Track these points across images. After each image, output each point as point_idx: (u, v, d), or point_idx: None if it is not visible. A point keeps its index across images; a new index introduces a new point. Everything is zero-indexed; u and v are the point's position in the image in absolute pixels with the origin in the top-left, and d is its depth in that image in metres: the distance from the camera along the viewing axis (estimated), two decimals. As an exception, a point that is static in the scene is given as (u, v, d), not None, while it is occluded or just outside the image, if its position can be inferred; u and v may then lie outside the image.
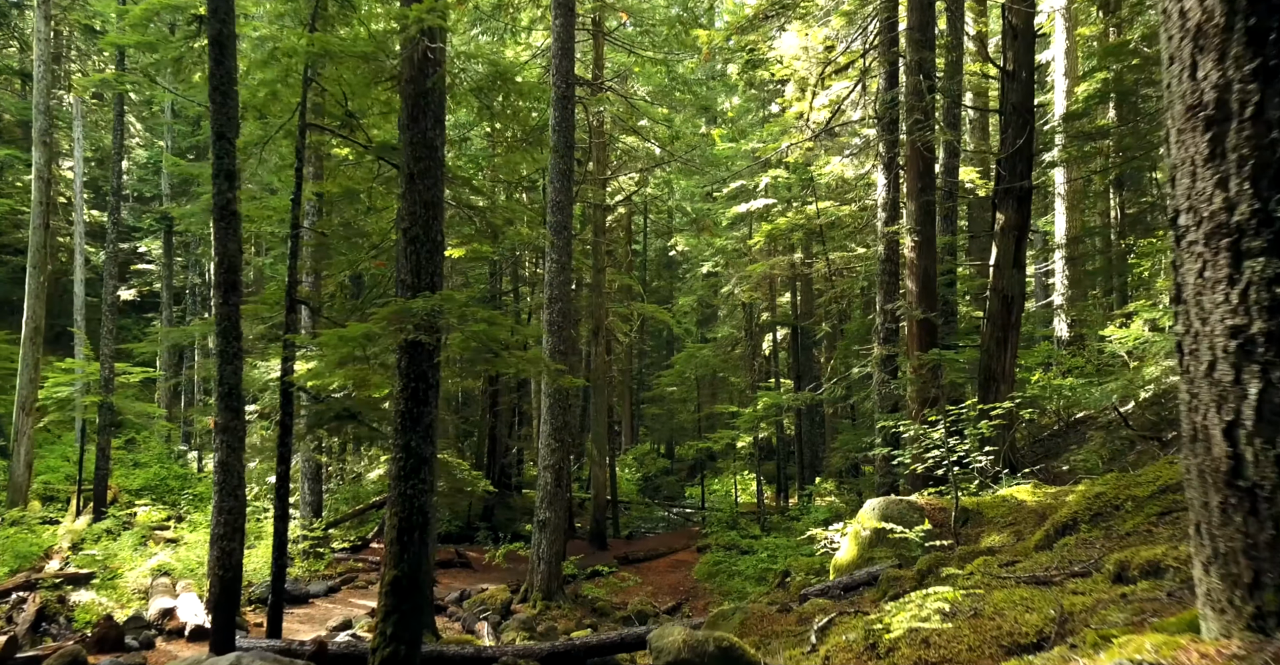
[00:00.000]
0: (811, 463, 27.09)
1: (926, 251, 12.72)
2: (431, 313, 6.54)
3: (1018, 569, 4.64)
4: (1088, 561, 4.36)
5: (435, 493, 6.99)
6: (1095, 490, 5.64)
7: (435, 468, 6.90)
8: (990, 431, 8.48)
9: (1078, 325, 23.66)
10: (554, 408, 14.32)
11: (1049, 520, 5.85)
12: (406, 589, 6.56)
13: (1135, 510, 5.14)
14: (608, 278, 23.84)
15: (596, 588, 15.41)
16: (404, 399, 6.81)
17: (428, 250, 6.98)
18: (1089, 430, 14.80)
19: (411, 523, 6.67)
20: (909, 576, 6.94)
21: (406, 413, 6.80)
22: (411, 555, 6.63)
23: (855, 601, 7.28)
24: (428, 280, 6.92)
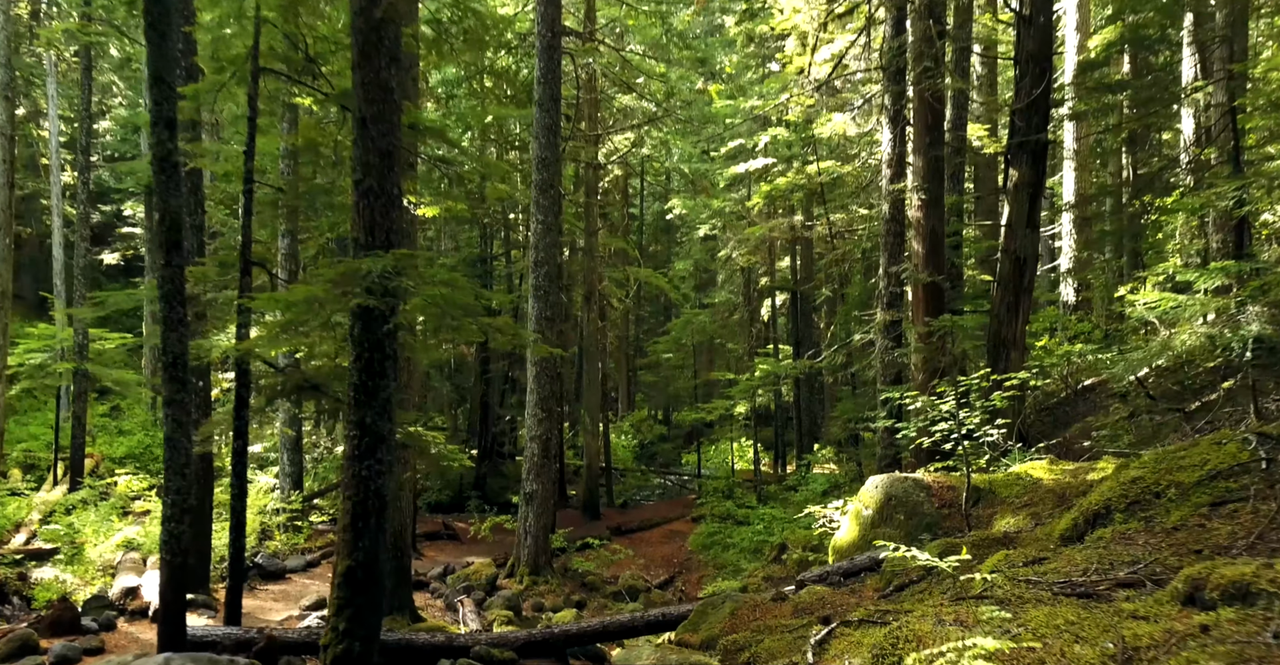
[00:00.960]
0: (810, 430, 26.56)
1: (934, 210, 11.97)
2: (384, 275, 5.83)
3: (1048, 570, 3.99)
4: (1133, 564, 3.71)
5: (394, 474, 6.35)
6: (1131, 474, 4.98)
7: (394, 446, 6.26)
8: (1003, 403, 7.82)
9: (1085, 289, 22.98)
10: (541, 377, 13.66)
11: (1077, 507, 5.20)
12: (362, 580, 5.94)
13: (1180, 499, 4.49)
14: (602, 241, 23.07)
15: (587, 561, 14.89)
16: (358, 371, 6.13)
17: (383, 205, 6.24)
18: (1100, 398, 14.17)
19: (367, 507, 6.04)
20: (916, 566, 6.30)
21: (361, 386, 6.12)
22: (367, 543, 6.00)
23: (856, 590, 6.67)
24: (383, 238, 6.20)
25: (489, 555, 15.79)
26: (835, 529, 9.51)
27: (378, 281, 5.84)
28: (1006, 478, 7.82)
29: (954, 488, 7.75)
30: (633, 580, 14.17)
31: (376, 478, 6.12)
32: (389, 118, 6.30)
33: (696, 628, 6.83)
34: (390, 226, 6.30)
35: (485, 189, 9.30)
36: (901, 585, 6.16)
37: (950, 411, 7.70)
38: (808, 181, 19.71)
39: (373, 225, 6.22)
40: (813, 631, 4.35)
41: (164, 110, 7.34)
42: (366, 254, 5.98)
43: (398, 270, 5.93)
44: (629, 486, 27.45)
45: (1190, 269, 7.60)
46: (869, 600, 6.23)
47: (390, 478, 6.23)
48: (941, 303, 11.95)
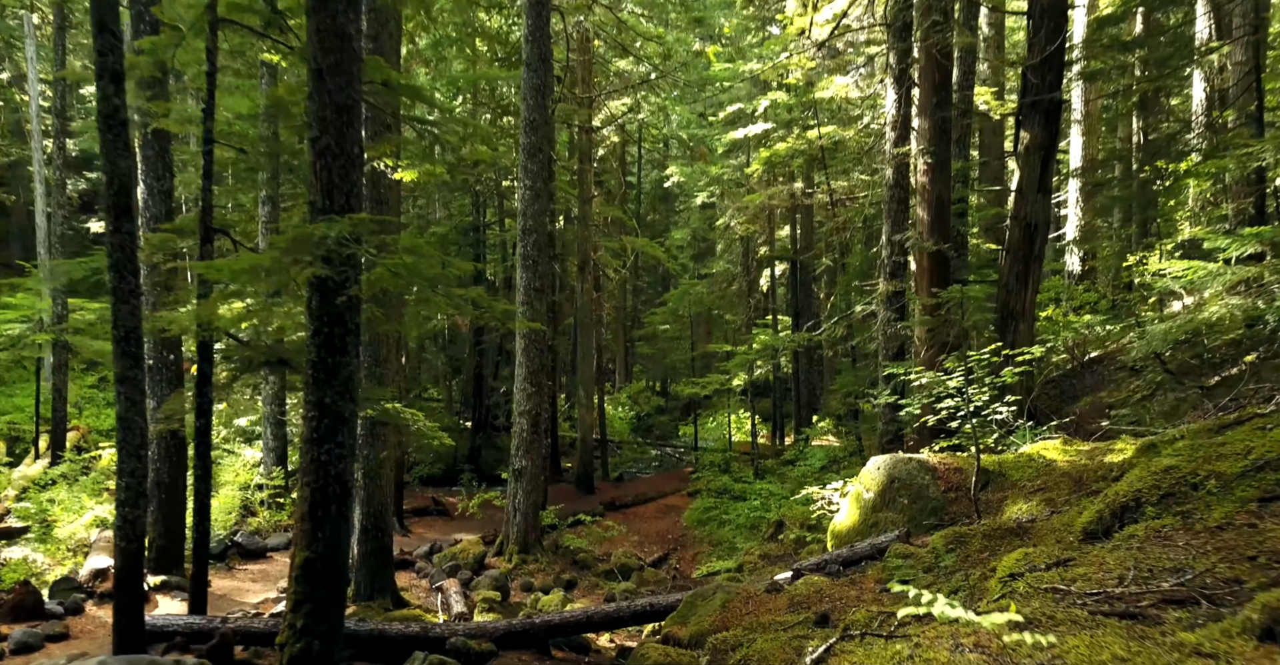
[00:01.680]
0: (809, 401, 26.14)
1: (940, 175, 11.39)
2: (341, 241, 5.30)
3: (1076, 576, 3.51)
4: (1178, 572, 3.23)
5: (358, 457, 5.86)
6: (1163, 462, 4.49)
7: (356, 428, 5.77)
8: (1013, 379, 7.31)
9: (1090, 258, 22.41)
10: (530, 350, 13.16)
11: (1102, 498, 4.71)
12: (322, 573, 5.49)
13: (1222, 493, 4.00)
14: (597, 210, 22.45)
15: (578, 538, 14.51)
16: (316, 347, 5.61)
17: (341, 165, 5.69)
18: (1108, 371, 13.70)
19: (328, 495, 5.56)
20: (922, 555, 5.85)
21: (319, 363, 5.61)
22: (328, 533, 5.53)
23: (857, 581, 6.22)
24: (341, 201, 5.65)
25: (479, 532, 15.41)
26: (834, 512, 9.08)
27: (334, 249, 5.31)
28: (1017, 459, 7.35)
29: (961, 470, 7.28)
30: (625, 558, 13.79)
31: (337, 462, 5.63)
32: (347, 68, 5.72)
33: (685, 620, 6.40)
34: (350, 189, 5.75)
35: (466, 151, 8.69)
36: (904, 578, 5.71)
37: (958, 388, 7.20)
38: (808, 147, 19.05)
39: (330, 187, 5.67)
40: (810, 646, 3.87)
41: (109, 62, 6.76)
42: (323, 219, 5.44)
43: (356, 237, 5.40)
44: (625, 459, 27.09)
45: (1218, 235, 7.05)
46: (870, 593, 5.78)
47: (352, 462, 5.74)
48: (947, 272, 11.42)
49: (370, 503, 10.11)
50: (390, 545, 10.33)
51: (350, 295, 5.63)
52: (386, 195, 10.23)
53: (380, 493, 10.17)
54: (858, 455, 16.78)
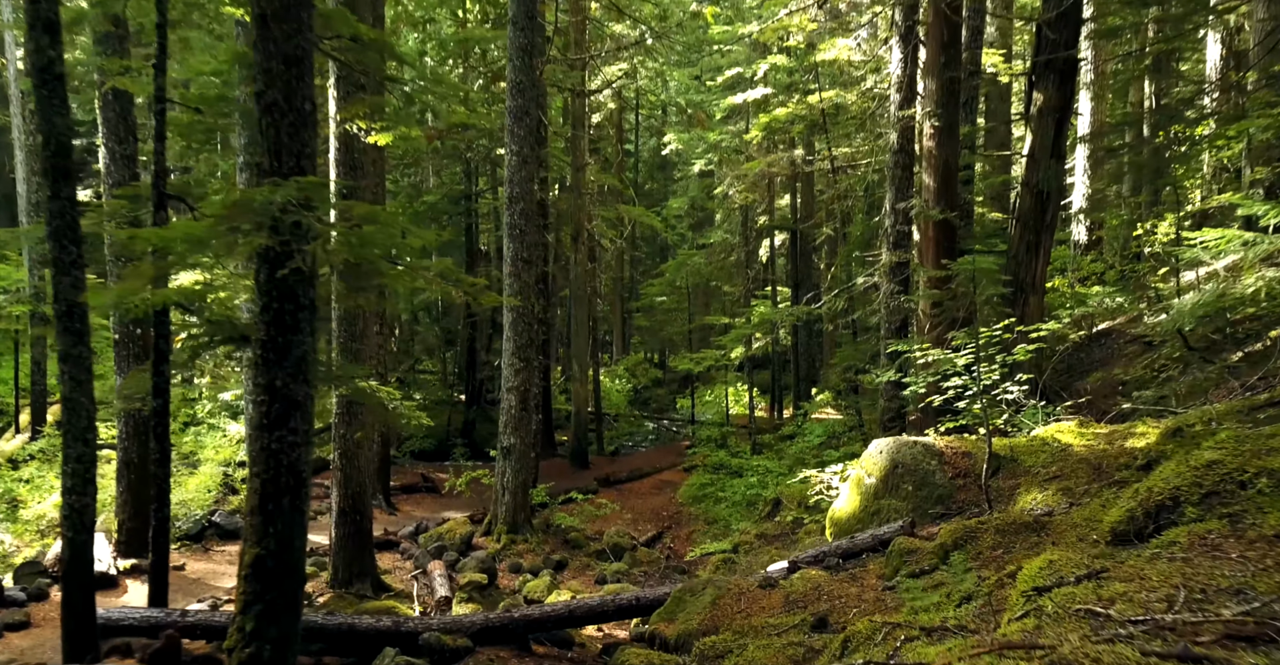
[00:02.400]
0: (808, 374, 25.69)
1: (948, 139, 10.80)
2: (287, 208, 4.76)
3: (1115, 595, 3.02)
4: (1240, 595, 2.75)
5: (313, 444, 5.37)
6: (1205, 456, 4.00)
7: (311, 412, 5.28)
8: (1026, 356, 6.81)
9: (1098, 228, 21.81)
10: (517, 323, 12.64)
11: (1132, 493, 4.22)
12: (273, 572, 5.02)
13: (1276, 494, 3.51)
14: (591, 178, 21.78)
15: (570, 516, 14.09)
16: (265, 324, 5.09)
17: (290, 124, 5.12)
18: (1118, 344, 13.20)
19: (279, 486, 5.07)
20: (928, 550, 5.38)
21: (269, 342, 5.10)
22: (280, 528, 5.06)
23: (858, 577, 5.76)
24: (291, 163, 5.10)
25: (469, 509, 15.01)
26: (833, 497, 8.63)
27: (280, 216, 4.77)
28: (1030, 443, 6.86)
29: (970, 454, 6.80)
30: (618, 537, 13.39)
31: (290, 451, 5.14)
32: (295, 14, 5.13)
33: (673, 617, 5.96)
34: (301, 150, 5.18)
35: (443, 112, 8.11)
36: (911, 575, 5.24)
37: (966, 366, 6.71)
38: (809, 112, 18.37)
39: (279, 147, 5.10)
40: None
41: (41, 9, 6.17)
42: (268, 182, 4.89)
43: (305, 202, 4.85)
44: (621, 433, 26.69)
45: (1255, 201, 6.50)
46: (873, 591, 5.32)
47: (308, 449, 5.25)
48: (953, 242, 10.88)
49: (348, 484, 9.66)
50: (369, 528, 9.90)
51: (302, 268, 5.10)
52: (361, 160, 9.66)
53: (358, 474, 9.72)
54: (857, 430, 16.34)
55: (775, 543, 11.97)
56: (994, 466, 6.45)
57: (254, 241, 4.87)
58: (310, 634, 6.69)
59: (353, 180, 9.55)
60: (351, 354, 9.55)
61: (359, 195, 9.58)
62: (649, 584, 11.98)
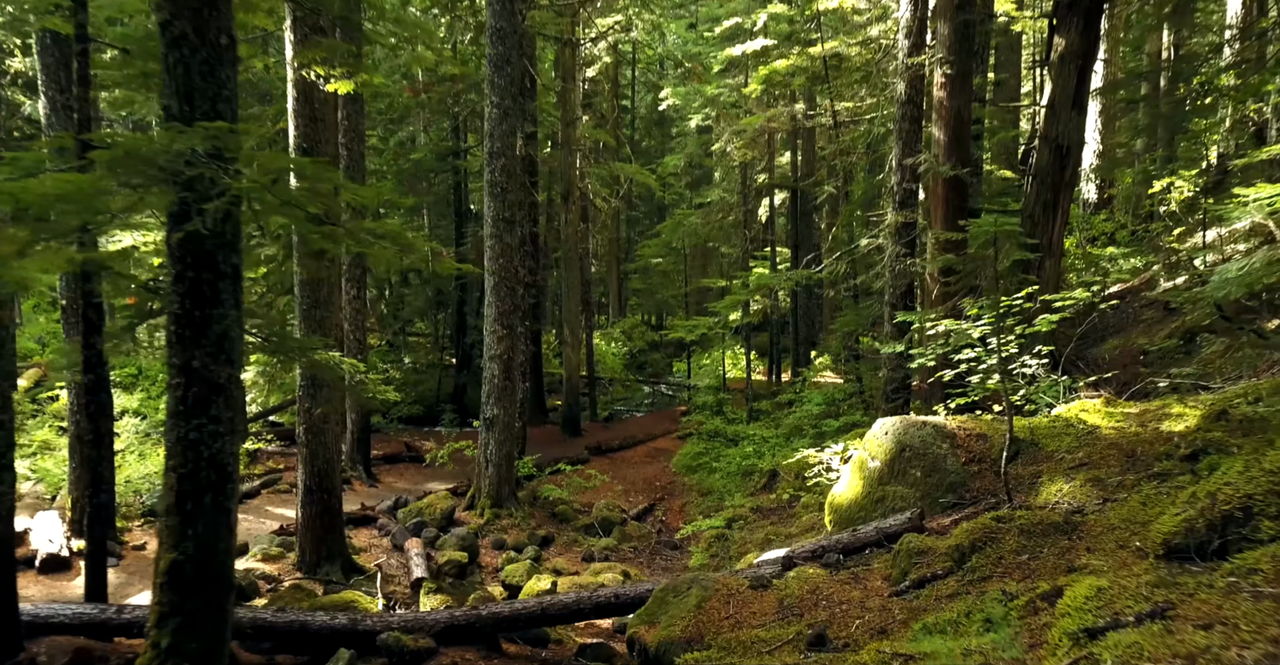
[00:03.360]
0: (807, 337, 25.04)
1: (961, 89, 9.98)
2: (194, 159, 4.04)
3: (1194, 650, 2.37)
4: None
5: (240, 432, 4.71)
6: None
7: (238, 397, 4.61)
8: (1048, 327, 6.11)
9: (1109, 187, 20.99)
10: (500, 288, 11.92)
11: (1189, 497, 3.56)
12: (194, 579, 4.40)
13: (1381, 510, 2.85)
14: (583, 134, 20.87)
15: (558, 488, 13.53)
16: (179, 296, 4.40)
17: (204, 60, 4.38)
18: (1134, 308, 12.51)
19: (199, 482, 4.43)
20: (941, 552, 4.75)
21: (184, 317, 4.41)
22: (201, 529, 4.42)
23: (860, 577, 5.13)
24: (205, 108, 4.36)
25: (455, 480, 14.46)
26: (833, 479, 8.01)
27: (184, 169, 4.05)
28: (1052, 424, 6.21)
29: (984, 436, 6.14)
30: (607, 510, 12.84)
31: (211, 441, 4.48)
32: (205, -72, 4.35)
33: (654, 619, 5.35)
34: (217, 92, 4.44)
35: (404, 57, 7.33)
36: (922, 580, 4.63)
37: (983, 338, 6.02)
38: (810, 64, 17.42)
39: (189, 89, 4.36)
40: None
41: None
42: (174, 128, 4.15)
43: (217, 152, 4.12)
44: (616, 397, 26.12)
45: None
46: (878, 598, 4.70)
47: (233, 439, 4.59)
48: (965, 201, 10.12)
49: (314, 461, 9.04)
50: (338, 507, 9.31)
51: (222, 231, 4.39)
52: (323, 112, 8.86)
53: (325, 450, 9.09)
54: (857, 397, 15.72)
55: (771, 517, 11.41)
56: (1013, 450, 5.80)
57: (163, 198, 4.15)
58: (259, 632, 6.11)
59: (314, 133, 8.77)
60: (315, 322, 8.86)
61: (320, 150, 8.82)
62: (638, 561, 11.46)
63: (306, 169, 4.38)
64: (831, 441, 10.48)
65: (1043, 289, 7.27)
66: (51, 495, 10.97)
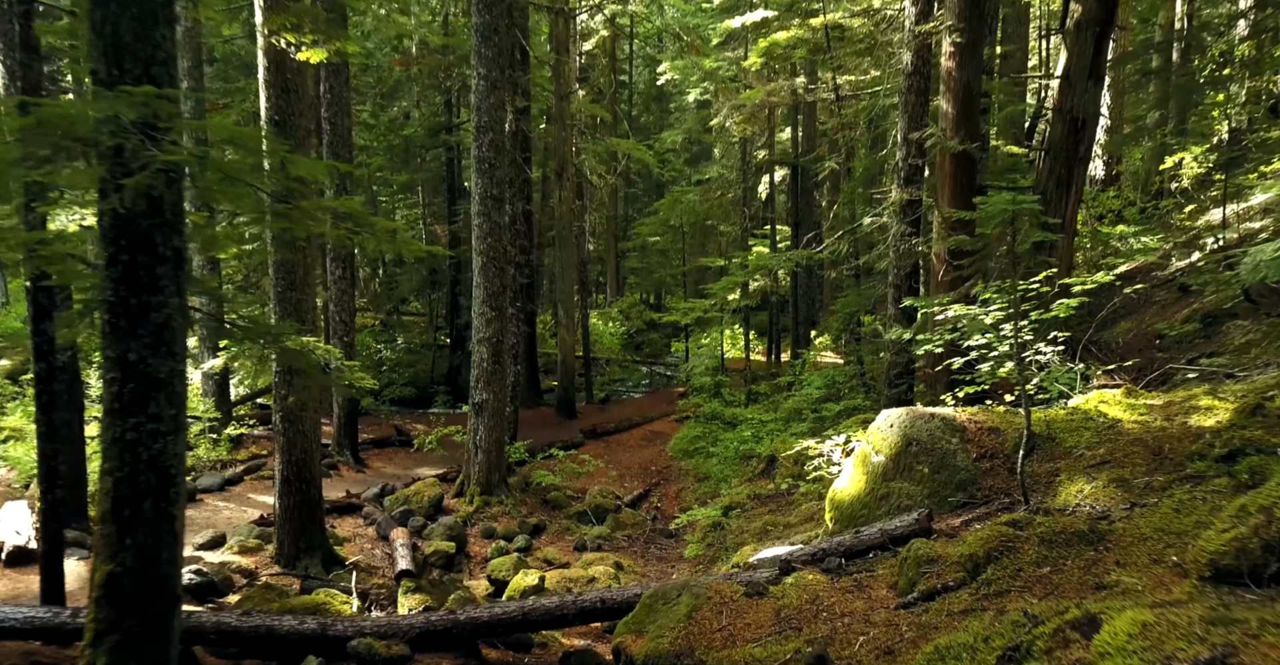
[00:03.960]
0: (807, 316, 24.59)
1: (970, 59, 9.47)
2: (121, 128, 3.59)
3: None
4: None
5: (186, 429, 4.29)
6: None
7: (181, 393, 4.20)
8: (1068, 312, 5.68)
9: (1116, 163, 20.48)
10: (488, 268, 11.48)
11: (1240, 516, 3.16)
12: (134, 594, 4.01)
13: None
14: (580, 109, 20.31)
15: (551, 473, 13.16)
16: (112, 282, 3.97)
17: (135, 18, 3.92)
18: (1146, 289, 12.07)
19: (138, 486, 4.03)
20: (953, 561, 4.36)
21: (118, 305, 3.99)
22: (141, 538, 4.02)
23: (864, 585, 4.75)
24: (138, 71, 3.91)
25: (445, 465, 14.08)
26: (834, 474, 7.61)
27: (108, 139, 3.60)
28: (1069, 416, 5.80)
29: (997, 430, 5.74)
30: (601, 497, 12.48)
31: (152, 441, 4.07)
32: None
33: (642, 627, 4.97)
34: (152, 54, 3.98)
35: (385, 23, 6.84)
36: (931, 592, 4.23)
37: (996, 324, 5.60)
38: (811, 36, 16.83)
39: (118, 50, 3.89)
40: None
41: None
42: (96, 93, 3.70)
43: (149, 121, 3.68)
44: (613, 378, 25.74)
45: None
46: (884, 609, 4.31)
47: (177, 438, 4.18)
48: (973, 177, 9.66)
49: (291, 450, 8.65)
50: (318, 497, 8.92)
51: (162, 208, 3.95)
52: (296, 83, 8.36)
53: (303, 438, 8.70)
54: (858, 379, 15.32)
55: (769, 504, 11.05)
56: (1028, 445, 5.39)
57: (84, 173, 3.70)
58: (224, 637, 5.74)
59: (286, 105, 8.28)
60: (290, 305, 8.44)
61: (294, 123, 8.34)
62: (632, 550, 11.11)
63: (245, 135, 3.93)
64: (833, 431, 10.09)
65: (1058, 271, 6.84)
66: (25, 484, 10.60)
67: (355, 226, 4.43)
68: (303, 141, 8.36)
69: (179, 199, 4.12)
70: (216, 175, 3.82)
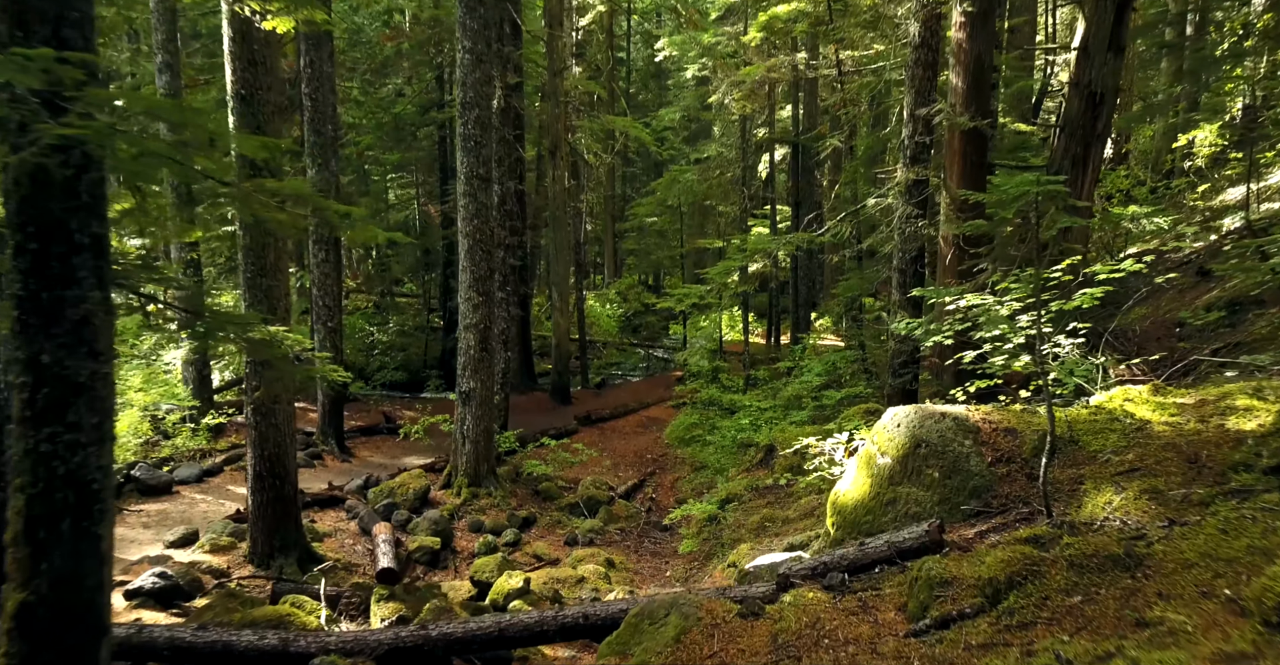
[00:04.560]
0: (808, 298, 24.10)
1: (982, 30, 8.94)
2: (17, 98, 3.11)
3: None
4: None
5: (112, 440, 3.83)
6: None
7: (107, 398, 3.74)
8: (1092, 303, 5.21)
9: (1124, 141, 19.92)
10: (474, 251, 10.99)
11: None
12: (50, 625, 3.57)
13: None
14: (576, 86, 19.72)
15: (542, 463, 12.75)
16: (20, 274, 3.50)
17: (40, -28, 3.43)
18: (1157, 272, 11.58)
19: (54, 504, 3.58)
20: (969, 584, 3.92)
21: (29, 300, 3.52)
22: (60, 562, 3.58)
23: (870, 606, 4.31)
24: (46, 33, 3.42)
25: (435, 455, 13.66)
26: (837, 470, 7.16)
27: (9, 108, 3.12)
28: (1092, 416, 5.34)
29: (1014, 432, 5.28)
30: (594, 488, 12.08)
31: (70, 453, 3.61)
32: None
33: (627, 649, 4.55)
34: (62, 14, 3.49)
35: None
36: (945, 619, 3.79)
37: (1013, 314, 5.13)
38: (813, 8, 16.23)
39: (22, 9, 3.41)
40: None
41: None
42: None
43: (52, 90, 3.19)
44: (610, 361, 25.29)
45: None
46: (892, 637, 3.88)
47: (102, 449, 3.72)
48: (984, 155, 9.15)
49: (263, 444, 8.21)
50: (293, 493, 8.49)
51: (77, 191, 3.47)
52: (264, 54, 7.84)
53: (276, 432, 8.26)
54: (860, 365, 14.88)
55: (767, 497, 10.64)
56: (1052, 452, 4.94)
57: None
58: (178, 654, 5.33)
59: (253, 79, 7.77)
60: (261, 292, 7.96)
61: (262, 98, 7.82)
62: (625, 544, 10.71)
63: (170, 113, 3.45)
64: (834, 425, 9.64)
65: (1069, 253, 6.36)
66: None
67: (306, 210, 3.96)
68: (271, 118, 7.85)
69: (100, 180, 3.64)
70: (131, 151, 3.33)
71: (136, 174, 3.53)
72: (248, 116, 7.69)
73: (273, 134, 7.86)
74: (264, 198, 3.79)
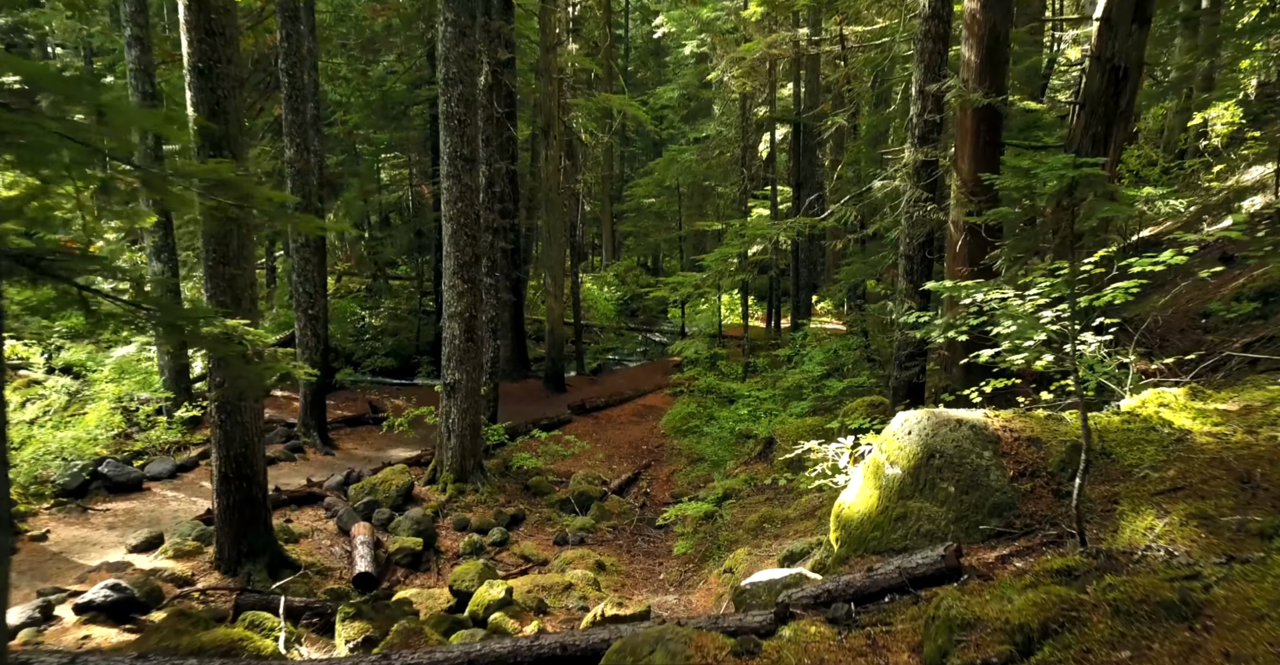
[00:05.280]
0: (809, 281, 23.54)
1: (998, 1, 8.33)
2: None
3: None
4: None
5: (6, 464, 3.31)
6: None
7: None
8: (1124, 297, 4.67)
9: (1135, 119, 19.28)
10: (458, 236, 10.45)
11: None
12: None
13: None
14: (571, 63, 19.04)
15: (533, 456, 12.29)
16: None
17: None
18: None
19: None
20: (995, 628, 3.42)
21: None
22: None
23: (879, 645, 3.83)
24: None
25: (422, 447, 13.18)
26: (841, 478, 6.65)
27: None
28: (1125, 425, 4.82)
29: (1038, 442, 4.76)
30: (586, 483, 11.62)
31: (-48, 483, 3.10)
32: None
33: (606, 689, 4.06)
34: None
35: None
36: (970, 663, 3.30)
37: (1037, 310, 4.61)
38: (817, -20, 15.56)
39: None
40: None
41: None
42: None
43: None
44: (607, 345, 24.78)
45: None
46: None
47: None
48: (998, 135, 8.58)
49: (229, 444, 7.72)
50: (261, 496, 8.00)
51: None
52: (223, 24, 7.25)
53: (243, 431, 7.76)
54: (862, 353, 14.36)
55: (766, 493, 10.18)
56: (1075, 463, 4.42)
57: None
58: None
59: (212, 51, 7.19)
60: (223, 281, 7.43)
61: (221, 72, 7.25)
62: (617, 544, 10.25)
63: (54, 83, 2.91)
64: (837, 421, 9.15)
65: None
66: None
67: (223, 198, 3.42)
68: (232, 93, 7.27)
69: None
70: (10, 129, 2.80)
71: (25, 155, 2.99)
72: (205, 92, 7.12)
73: (233, 111, 7.30)
74: (182, 182, 3.25)
